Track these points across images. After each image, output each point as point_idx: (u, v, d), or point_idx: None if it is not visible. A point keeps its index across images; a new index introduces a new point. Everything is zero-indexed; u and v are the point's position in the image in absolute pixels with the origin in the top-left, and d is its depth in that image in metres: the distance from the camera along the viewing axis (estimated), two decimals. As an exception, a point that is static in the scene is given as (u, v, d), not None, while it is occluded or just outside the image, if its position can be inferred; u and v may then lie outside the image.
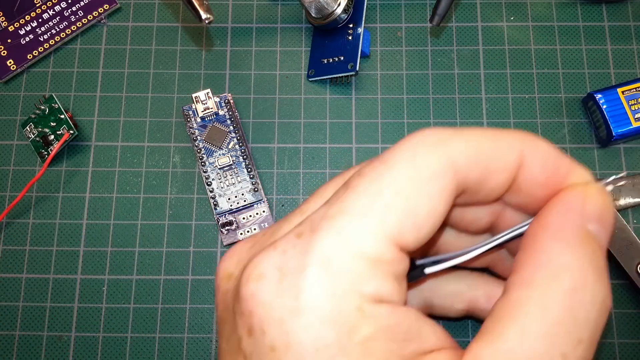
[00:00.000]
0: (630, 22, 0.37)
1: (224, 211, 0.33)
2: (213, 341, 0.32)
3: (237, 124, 0.35)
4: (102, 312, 0.33)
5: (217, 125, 0.34)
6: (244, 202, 0.33)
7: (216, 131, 0.34)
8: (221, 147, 0.34)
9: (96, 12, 0.37)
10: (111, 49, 0.37)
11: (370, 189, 0.19)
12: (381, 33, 0.37)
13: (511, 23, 0.37)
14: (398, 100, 0.36)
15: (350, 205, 0.19)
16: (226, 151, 0.34)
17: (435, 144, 0.20)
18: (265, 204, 0.34)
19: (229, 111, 0.35)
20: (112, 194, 0.35)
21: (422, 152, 0.20)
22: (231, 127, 0.34)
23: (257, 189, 0.33)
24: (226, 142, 0.34)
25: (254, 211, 0.33)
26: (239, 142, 0.34)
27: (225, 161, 0.34)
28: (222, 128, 0.34)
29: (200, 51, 0.37)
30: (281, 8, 0.38)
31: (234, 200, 0.33)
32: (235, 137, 0.34)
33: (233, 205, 0.33)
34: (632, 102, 0.33)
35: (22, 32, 0.36)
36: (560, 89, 0.36)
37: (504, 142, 0.22)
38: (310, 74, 0.36)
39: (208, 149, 0.34)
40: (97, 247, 0.34)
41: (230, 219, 0.33)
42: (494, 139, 0.21)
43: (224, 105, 0.35)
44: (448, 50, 0.37)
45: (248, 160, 0.34)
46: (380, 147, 0.35)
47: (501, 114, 0.35)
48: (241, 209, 0.33)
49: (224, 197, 0.33)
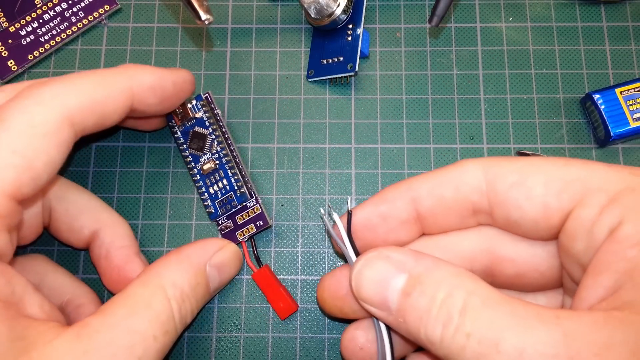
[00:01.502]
0: (629, 22, 0.37)
1: (220, 215, 0.33)
2: (213, 340, 0.33)
3: (217, 124, 0.34)
4: (102, 311, 0.33)
5: (198, 130, 0.34)
6: (234, 205, 0.33)
7: (197, 136, 0.34)
8: (205, 152, 0.33)
9: (97, 12, 0.37)
10: (112, 49, 0.37)
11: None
12: (380, 34, 0.37)
13: (510, 24, 0.37)
14: (397, 100, 0.36)
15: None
16: (209, 155, 0.33)
17: (51, 100, 0.23)
18: (256, 202, 0.33)
19: (206, 113, 0.34)
20: (113, 194, 0.35)
21: (38, 110, 0.23)
22: (210, 129, 0.34)
23: (242, 189, 0.33)
24: (208, 146, 0.34)
25: (247, 211, 0.33)
26: (219, 144, 0.33)
27: (210, 166, 0.33)
28: (203, 132, 0.34)
29: (200, 52, 0.37)
30: (281, 9, 0.38)
31: (224, 204, 0.33)
32: (216, 140, 0.33)
33: (224, 209, 0.33)
34: (630, 103, 0.34)
35: (22, 32, 0.37)
36: (559, 90, 0.36)
37: (114, 86, 0.26)
38: (309, 75, 0.36)
39: (194, 156, 0.34)
40: (98, 246, 0.34)
41: (228, 221, 0.33)
42: (105, 85, 0.26)
43: (201, 107, 0.34)
44: (447, 51, 0.37)
45: (232, 161, 0.33)
46: (380, 147, 0.35)
47: (500, 114, 0.36)
48: (234, 210, 0.33)
49: (216, 202, 0.33)
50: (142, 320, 0.23)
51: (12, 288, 0.22)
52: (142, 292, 0.25)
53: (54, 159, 0.23)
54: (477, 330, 0.18)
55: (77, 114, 0.24)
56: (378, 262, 0.23)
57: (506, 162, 0.23)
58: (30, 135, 0.22)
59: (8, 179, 0.22)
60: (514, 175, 0.23)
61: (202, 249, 0.29)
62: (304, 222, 0.34)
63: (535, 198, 0.22)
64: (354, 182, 0.35)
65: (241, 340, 0.33)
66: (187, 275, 0.27)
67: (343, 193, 0.35)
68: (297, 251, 0.34)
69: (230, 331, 0.33)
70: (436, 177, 0.25)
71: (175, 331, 0.26)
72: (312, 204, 0.34)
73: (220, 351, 0.32)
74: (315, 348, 0.32)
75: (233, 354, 0.32)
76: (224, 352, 0.32)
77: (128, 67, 0.27)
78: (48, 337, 0.21)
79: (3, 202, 0.22)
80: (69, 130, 0.24)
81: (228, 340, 0.33)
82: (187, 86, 0.30)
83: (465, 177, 0.24)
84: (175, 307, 0.25)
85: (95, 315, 0.23)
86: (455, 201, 0.24)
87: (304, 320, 0.33)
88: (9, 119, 0.22)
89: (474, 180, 0.24)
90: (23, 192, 0.22)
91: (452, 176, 0.24)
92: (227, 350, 0.32)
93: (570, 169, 0.22)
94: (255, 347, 0.32)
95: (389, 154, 0.35)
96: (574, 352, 0.17)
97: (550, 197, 0.22)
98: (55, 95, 0.23)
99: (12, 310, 0.21)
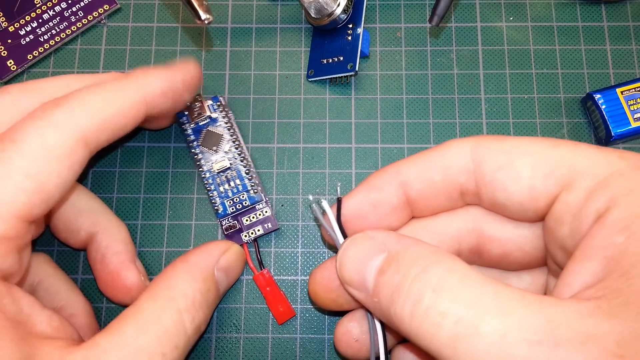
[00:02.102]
0: (630, 22, 0.37)
1: (227, 215, 0.33)
2: (213, 341, 0.32)
3: (232, 125, 0.34)
4: (102, 312, 0.33)
5: (212, 129, 0.34)
6: (245, 204, 0.33)
7: (211, 135, 0.34)
8: (217, 151, 0.34)
9: (96, 12, 0.37)
10: (111, 49, 0.37)
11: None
12: (380, 33, 0.37)
13: (510, 23, 0.37)
14: (397, 100, 0.36)
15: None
16: (223, 154, 0.34)
17: (65, 122, 0.24)
18: (266, 204, 0.33)
19: (222, 113, 0.34)
20: (112, 194, 0.35)
21: (51, 133, 0.23)
22: (226, 130, 0.34)
23: (256, 190, 0.33)
24: (222, 145, 0.34)
25: (256, 212, 0.33)
26: (234, 145, 0.34)
27: (223, 165, 0.33)
28: (217, 131, 0.34)
29: (200, 51, 0.37)
30: (281, 8, 0.38)
31: (234, 203, 0.33)
32: (231, 140, 0.34)
33: (234, 208, 0.33)
34: (631, 102, 0.33)
35: (22, 32, 0.37)
36: (560, 89, 0.36)
37: (126, 100, 0.26)
38: (309, 74, 0.36)
39: (205, 154, 0.34)
40: (97, 247, 0.34)
41: (233, 222, 0.33)
42: (117, 100, 0.26)
43: (217, 108, 0.34)
44: (447, 51, 0.37)
45: (245, 161, 0.33)
46: (380, 147, 0.35)
47: (500, 114, 0.36)
48: (242, 210, 0.33)
49: (225, 201, 0.33)
50: (150, 338, 0.23)
51: (19, 307, 0.22)
52: (152, 306, 0.25)
53: (66, 179, 0.24)
54: (455, 309, 0.18)
55: (90, 134, 0.24)
56: (362, 241, 0.23)
57: (494, 142, 0.23)
58: (44, 158, 0.23)
59: (20, 202, 0.22)
60: (501, 156, 0.22)
61: (207, 254, 0.29)
62: (304, 222, 0.34)
63: (522, 180, 0.21)
64: (354, 182, 0.35)
65: (241, 341, 0.32)
66: (196, 283, 0.27)
67: (343, 193, 0.34)
68: (297, 251, 0.34)
69: (229, 332, 0.33)
70: (424, 159, 0.24)
71: (188, 343, 0.25)
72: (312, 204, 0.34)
73: (220, 352, 0.32)
74: (315, 349, 0.32)
75: (233, 355, 0.32)
76: (223, 353, 0.32)
77: (137, 76, 0.27)
78: (55, 358, 0.21)
79: (14, 224, 0.22)
80: (83, 150, 0.24)
81: (228, 340, 0.32)
82: (195, 81, 0.30)
83: (453, 158, 0.24)
84: (187, 318, 0.25)
85: (104, 334, 0.23)
86: (444, 183, 0.24)
87: (303, 321, 0.33)
88: (22, 140, 0.23)
89: (462, 161, 0.23)
90: (34, 214, 0.23)
91: (440, 158, 0.24)
92: (226, 351, 0.32)
93: (559, 151, 0.21)
94: (255, 347, 0.32)
95: (389, 154, 0.35)
96: (559, 339, 0.16)
97: (537, 179, 0.21)
98: (68, 116, 0.24)
99: (20, 329, 0.21)
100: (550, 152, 0.21)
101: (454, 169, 0.24)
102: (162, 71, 0.28)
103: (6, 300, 0.21)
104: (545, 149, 0.22)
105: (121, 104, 0.26)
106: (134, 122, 0.27)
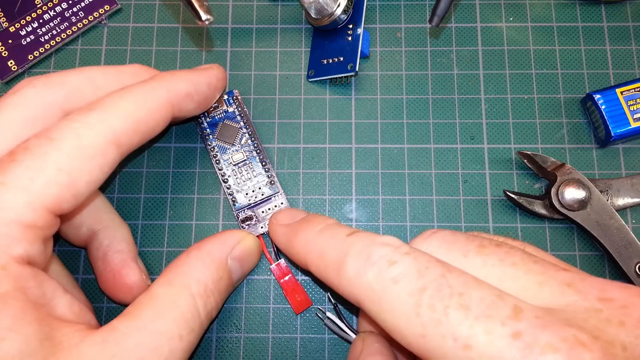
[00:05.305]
0: (629, 22, 0.37)
1: (243, 206, 0.34)
2: (213, 341, 0.32)
3: (247, 119, 0.35)
4: (103, 312, 0.33)
5: (228, 123, 0.35)
6: (262, 196, 0.33)
7: (227, 128, 0.34)
8: (234, 144, 0.34)
9: (97, 12, 0.37)
10: (112, 49, 0.37)
11: (33, 166, 0.23)
12: (381, 33, 0.37)
13: (510, 24, 0.37)
14: (397, 100, 0.36)
15: (12, 178, 0.22)
16: (239, 147, 0.34)
17: (99, 124, 0.25)
18: (282, 196, 0.34)
19: (237, 107, 0.35)
20: (113, 194, 0.35)
21: (86, 133, 0.24)
22: (242, 123, 0.35)
23: (273, 181, 0.34)
24: (238, 139, 0.34)
25: (272, 204, 0.34)
26: (251, 137, 0.34)
27: (240, 157, 0.34)
28: (233, 125, 0.35)
29: (200, 52, 0.37)
30: (281, 9, 0.38)
31: (251, 195, 0.34)
32: (247, 133, 0.34)
33: (251, 200, 0.34)
34: (630, 103, 0.34)
35: (23, 32, 0.37)
36: (559, 90, 0.36)
37: (155, 103, 0.27)
38: (310, 75, 0.36)
39: (221, 147, 0.34)
40: (98, 247, 0.34)
41: (250, 213, 0.33)
42: (146, 104, 0.26)
43: (233, 102, 0.35)
44: (447, 51, 0.37)
45: (262, 154, 0.34)
46: (380, 147, 0.35)
47: (500, 114, 0.36)
48: (259, 202, 0.34)
49: (242, 193, 0.34)
50: (168, 321, 0.24)
51: (42, 291, 0.23)
52: (167, 292, 0.25)
53: (97, 178, 0.25)
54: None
55: (122, 136, 0.25)
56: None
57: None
58: (77, 156, 0.24)
59: (51, 195, 0.23)
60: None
61: (222, 242, 0.29)
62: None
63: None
64: (354, 182, 0.35)
65: (241, 341, 0.33)
66: (209, 271, 0.27)
67: (343, 193, 0.35)
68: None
69: (230, 331, 0.33)
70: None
71: (201, 327, 0.26)
72: (312, 204, 0.34)
73: (221, 352, 0.32)
74: (316, 348, 0.32)
75: (233, 355, 0.32)
76: (224, 353, 0.32)
77: (164, 78, 0.28)
78: (75, 339, 0.22)
79: (43, 215, 0.23)
80: (114, 151, 0.25)
81: (228, 340, 0.33)
82: (221, 83, 0.31)
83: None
84: (200, 303, 0.26)
85: (122, 319, 0.24)
86: None
87: (304, 320, 0.33)
88: (59, 138, 0.24)
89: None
90: (63, 208, 0.24)
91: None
92: (227, 351, 0.32)
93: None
94: (255, 347, 0.32)
95: (389, 154, 0.35)
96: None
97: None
98: (102, 119, 0.25)
99: (41, 311, 0.22)
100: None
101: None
102: (188, 73, 0.29)
103: (31, 283, 0.22)
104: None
105: (150, 107, 0.27)
106: (163, 124, 0.28)
